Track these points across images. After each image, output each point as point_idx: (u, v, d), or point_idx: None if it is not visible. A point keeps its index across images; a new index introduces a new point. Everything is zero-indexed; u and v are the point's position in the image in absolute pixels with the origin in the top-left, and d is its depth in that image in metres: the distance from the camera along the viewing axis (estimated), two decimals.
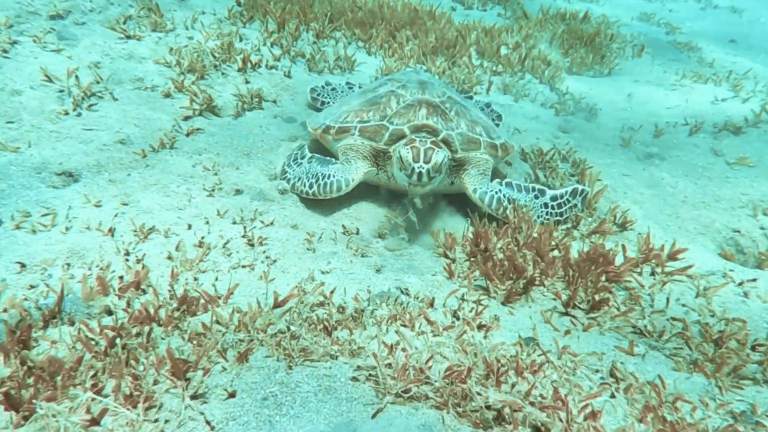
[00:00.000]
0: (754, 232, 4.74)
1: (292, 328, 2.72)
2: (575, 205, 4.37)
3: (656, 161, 5.66)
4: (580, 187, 4.40)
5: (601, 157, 5.67)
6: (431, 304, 3.33)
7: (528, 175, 5.14)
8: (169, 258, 3.62)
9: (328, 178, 4.23)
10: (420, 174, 3.82)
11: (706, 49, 8.89)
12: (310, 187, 4.27)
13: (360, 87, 5.88)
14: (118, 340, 2.60)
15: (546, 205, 4.30)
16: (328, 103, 5.61)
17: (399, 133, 4.23)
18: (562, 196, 4.35)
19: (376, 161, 4.33)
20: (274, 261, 3.73)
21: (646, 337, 3.12)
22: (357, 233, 4.08)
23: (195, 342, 2.67)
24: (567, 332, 3.13)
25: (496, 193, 4.23)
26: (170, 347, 2.65)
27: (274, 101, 5.79)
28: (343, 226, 4.12)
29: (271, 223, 4.08)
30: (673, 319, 3.29)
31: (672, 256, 3.91)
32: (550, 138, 5.86)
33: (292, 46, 6.63)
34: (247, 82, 5.81)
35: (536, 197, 4.32)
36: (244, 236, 3.90)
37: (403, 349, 2.67)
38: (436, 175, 3.90)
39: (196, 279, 3.47)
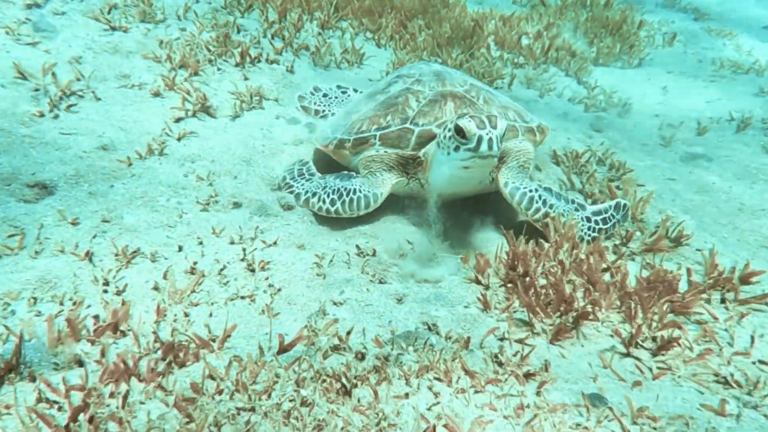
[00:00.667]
0: None
1: (303, 392, 2.16)
2: (618, 221, 3.82)
3: (703, 163, 5.08)
4: (623, 202, 3.86)
5: (640, 158, 5.09)
6: (466, 346, 2.78)
7: (562, 182, 4.56)
8: (156, 288, 3.07)
9: (354, 193, 3.67)
10: (491, 141, 3.17)
11: (741, 36, 8.25)
12: (332, 203, 3.70)
13: (357, 91, 5.28)
14: (81, 416, 2.05)
15: (589, 220, 3.73)
16: (323, 111, 5.02)
17: (427, 134, 3.69)
18: (606, 211, 3.79)
19: (405, 170, 3.79)
20: (279, 290, 3.18)
21: (733, 388, 2.56)
22: (373, 255, 3.51)
23: (182, 412, 2.12)
24: (636, 384, 2.57)
25: (531, 191, 3.65)
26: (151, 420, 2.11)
27: (276, 100, 5.22)
28: (357, 246, 3.56)
29: (275, 243, 3.53)
30: (762, 362, 2.73)
31: (744, 280, 3.34)
32: (582, 138, 5.28)
33: (295, 38, 6.05)
34: (246, 78, 5.24)
35: (576, 210, 3.75)
36: (243, 259, 3.35)
37: (446, 425, 2.11)
38: (499, 147, 3.29)
39: (186, 315, 2.93)
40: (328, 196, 3.74)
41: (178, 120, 4.60)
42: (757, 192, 4.64)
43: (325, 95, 5.23)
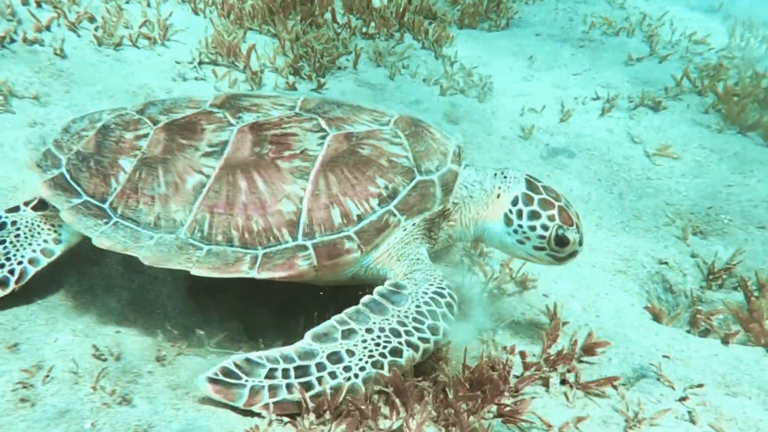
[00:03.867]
0: (683, 263, 3.71)
1: None
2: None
3: (564, 159, 4.46)
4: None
5: (497, 157, 4.38)
6: None
7: None
8: None
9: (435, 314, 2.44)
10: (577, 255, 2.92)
11: None
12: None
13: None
14: None
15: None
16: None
17: (450, 177, 2.69)
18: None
19: (429, 234, 2.77)
20: None
21: None
22: (118, 359, 2.55)
23: None
24: None
25: None
26: None
27: (36, 98, 3.93)
28: (94, 346, 2.57)
29: None
30: None
31: (589, 349, 2.76)
32: None
33: (74, 5, 4.63)
34: None
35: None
36: None
37: None
38: None
39: None
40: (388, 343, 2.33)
41: None
42: (616, 198, 4.09)
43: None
